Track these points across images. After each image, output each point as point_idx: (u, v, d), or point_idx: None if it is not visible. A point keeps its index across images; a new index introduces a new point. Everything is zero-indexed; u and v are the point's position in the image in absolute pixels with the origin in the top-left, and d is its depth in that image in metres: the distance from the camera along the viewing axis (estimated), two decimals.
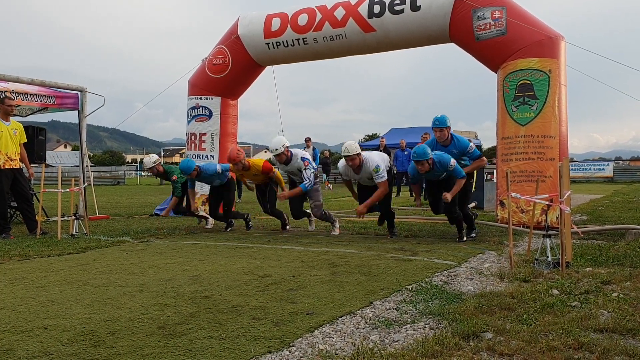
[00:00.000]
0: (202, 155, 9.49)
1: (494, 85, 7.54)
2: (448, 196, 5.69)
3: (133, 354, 2.40)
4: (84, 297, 3.51)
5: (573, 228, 4.39)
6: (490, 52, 7.39)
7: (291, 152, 6.99)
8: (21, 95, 8.43)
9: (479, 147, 22.42)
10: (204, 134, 9.57)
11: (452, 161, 5.81)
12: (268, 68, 9.75)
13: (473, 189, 10.57)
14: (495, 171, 8.86)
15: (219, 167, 7.45)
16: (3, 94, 7.83)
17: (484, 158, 6.51)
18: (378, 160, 6.43)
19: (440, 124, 6.23)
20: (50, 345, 2.53)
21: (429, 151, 5.78)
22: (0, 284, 3.97)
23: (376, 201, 6.42)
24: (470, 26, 7.40)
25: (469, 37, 7.49)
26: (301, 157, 6.93)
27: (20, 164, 7.31)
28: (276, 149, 6.82)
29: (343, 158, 6.48)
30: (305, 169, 6.84)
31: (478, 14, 7.31)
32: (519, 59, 7.07)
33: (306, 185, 6.79)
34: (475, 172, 6.88)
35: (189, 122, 9.73)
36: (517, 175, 6.97)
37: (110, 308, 3.20)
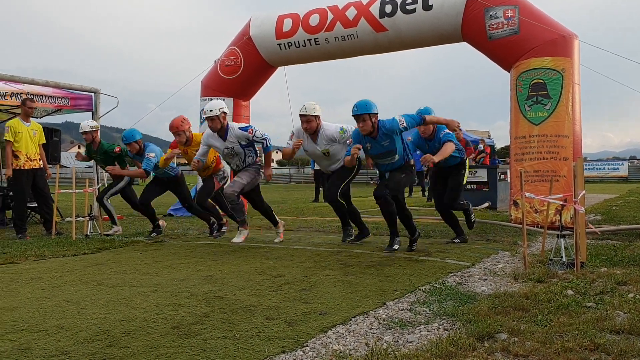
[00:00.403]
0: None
1: (506, 84, 7.49)
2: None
3: (148, 353, 2.42)
4: (99, 297, 3.54)
5: (590, 227, 4.33)
6: (503, 51, 7.34)
7: (228, 123, 5.94)
8: (36, 97, 8.54)
9: (491, 146, 22.12)
10: None
11: (400, 118, 5.08)
12: (279, 69, 9.78)
13: (475, 188, 10.47)
14: (508, 171, 8.80)
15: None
16: (20, 96, 7.95)
17: (452, 144, 5.45)
18: (338, 125, 5.77)
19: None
20: (66, 344, 2.56)
21: (374, 105, 5.07)
22: (17, 284, 4.03)
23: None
24: (482, 25, 7.36)
25: (481, 36, 7.45)
26: (240, 128, 5.91)
27: (40, 163, 7.41)
28: (210, 110, 5.72)
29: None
30: (254, 135, 5.85)
31: (490, 13, 7.27)
32: (532, 58, 7.01)
33: (267, 144, 5.93)
34: (467, 165, 6.07)
35: (201, 123, 9.78)
36: (530, 175, 6.92)
37: (125, 308, 3.23)
